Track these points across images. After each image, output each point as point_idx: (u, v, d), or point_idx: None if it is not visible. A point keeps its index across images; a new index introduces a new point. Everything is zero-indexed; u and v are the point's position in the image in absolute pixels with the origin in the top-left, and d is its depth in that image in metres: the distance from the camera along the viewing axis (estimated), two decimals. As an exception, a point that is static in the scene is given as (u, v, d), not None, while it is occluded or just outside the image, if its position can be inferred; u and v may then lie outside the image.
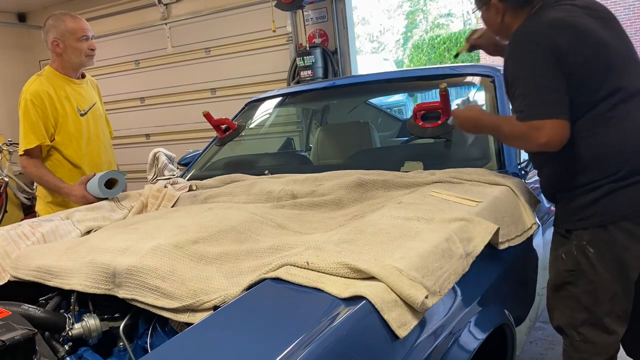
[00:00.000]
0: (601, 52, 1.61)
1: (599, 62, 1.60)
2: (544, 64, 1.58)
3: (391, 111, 5.08)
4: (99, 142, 2.77)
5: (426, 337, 1.14)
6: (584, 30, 1.61)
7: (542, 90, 1.59)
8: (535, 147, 1.63)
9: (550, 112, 1.56)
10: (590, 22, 1.64)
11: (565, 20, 1.63)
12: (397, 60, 22.76)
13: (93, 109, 2.75)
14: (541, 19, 1.65)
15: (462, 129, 1.90)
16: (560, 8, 1.67)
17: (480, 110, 1.86)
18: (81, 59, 2.63)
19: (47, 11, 6.64)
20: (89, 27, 2.66)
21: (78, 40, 2.59)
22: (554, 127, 1.56)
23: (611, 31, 1.68)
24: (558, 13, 1.65)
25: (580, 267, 1.64)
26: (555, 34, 1.59)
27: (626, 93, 1.61)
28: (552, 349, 2.78)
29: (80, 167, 2.65)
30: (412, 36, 24.76)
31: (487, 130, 1.85)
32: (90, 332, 1.38)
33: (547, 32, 1.60)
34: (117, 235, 1.61)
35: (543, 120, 1.56)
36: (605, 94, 1.60)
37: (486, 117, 1.82)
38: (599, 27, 1.65)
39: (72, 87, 2.67)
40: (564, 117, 1.57)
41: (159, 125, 6.27)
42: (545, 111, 1.57)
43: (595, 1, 1.73)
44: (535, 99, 1.59)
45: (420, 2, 25.46)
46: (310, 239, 1.42)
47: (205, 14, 5.71)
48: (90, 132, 2.70)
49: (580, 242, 1.64)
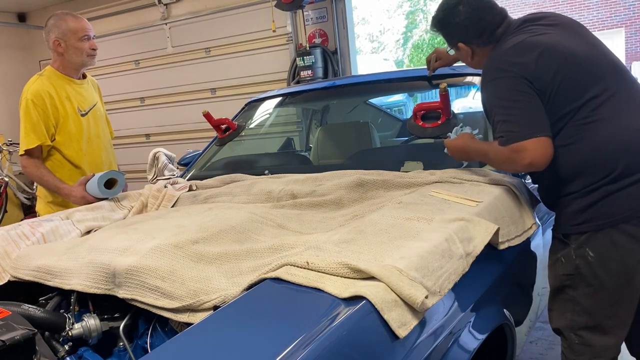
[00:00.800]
0: (570, 61, 1.63)
1: (571, 72, 1.62)
2: (515, 89, 1.62)
3: (391, 111, 5.08)
4: (100, 142, 2.76)
5: (426, 337, 1.14)
6: (549, 46, 1.65)
7: (517, 113, 1.61)
8: (522, 169, 1.66)
9: (529, 133, 1.58)
10: (555, 35, 1.69)
11: (528, 41, 1.68)
12: (397, 60, 22.73)
13: (94, 109, 2.74)
14: (503, 47, 1.72)
15: (454, 157, 1.93)
16: (521, 32, 1.73)
17: (469, 137, 1.86)
18: (82, 59, 2.63)
19: (47, 11, 6.65)
20: (90, 27, 2.65)
21: (80, 40, 2.59)
22: (536, 147, 1.57)
23: (578, 38, 1.71)
24: (519, 37, 1.71)
25: (579, 271, 1.64)
26: (520, 56, 1.64)
27: (605, 95, 1.61)
28: (552, 349, 2.78)
29: (80, 167, 2.65)
30: (412, 36, 24.73)
31: (475, 157, 1.88)
32: (90, 332, 1.38)
33: (512, 58, 1.66)
34: (117, 235, 1.61)
35: (523, 141, 1.57)
36: (584, 101, 1.61)
37: (474, 145, 1.83)
38: (565, 38, 1.68)
39: (73, 87, 2.67)
40: (545, 134, 1.58)
41: (159, 125, 6.28)
42: (524, 132, 1.58)
43: (556, 13, 1.80)
44: (512, 123, 1.61)
45: (420, 2, 25.43)
46: (310, 239, 1.42)
47: (205, 14, 5.71)
48: (91, 132, 2.70)
49: (578, 247, 1.63)
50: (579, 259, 1.63)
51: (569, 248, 1.66)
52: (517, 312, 1.70)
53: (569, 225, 1.66)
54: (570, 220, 1.66)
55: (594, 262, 1.61)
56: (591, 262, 1.61)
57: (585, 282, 1.64)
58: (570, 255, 1.66)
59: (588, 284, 1.63)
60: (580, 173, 1.61)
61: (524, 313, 1.81)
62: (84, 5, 6.26)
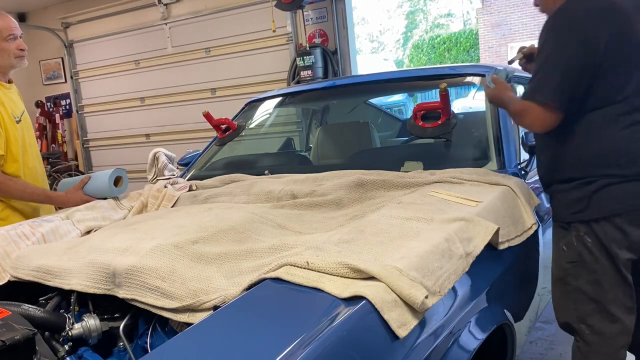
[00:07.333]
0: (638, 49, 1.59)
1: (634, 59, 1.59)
2: (568, 52, 1.58)
3: (391, 111, 5.09)
4: (33, 151, 2.51)
5: (426, 337, 1.14)
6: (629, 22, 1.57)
7: (550, 74, 1.60)
8: (524, 127, 1.75)
9: (543, 98, 1.60)
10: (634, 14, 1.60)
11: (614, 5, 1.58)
12: (397, 60, 22.75)
13: (25, 116, 2.50)
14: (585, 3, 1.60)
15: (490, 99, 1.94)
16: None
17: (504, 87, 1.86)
18: (10, 61, 2.39)
19: (47, 11, 6.66)
20: (16, 24, 2.41)
21: (4, 40, 2.35)
22: (540, 112, 1.62)
23: None
24: None
25: (581, 257, 1.67)
26: (598, 21, 1.55)
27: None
28: (552, 349, 2.78)
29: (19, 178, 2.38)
30: (412, 36, 24.74)
31: (504, 105, 1.85)
32: (90, 332, 1.38)
33: (588, 20, 1.57)
34: (117, 235, 1.61)
35: (534, 103, 1.62)
36: (627, 94, 1.59)
37: (506, 95, 1.83)
38: None
39: (4, 91, 2.40)
40: (555, 106, 1.60)
41: (159, 125, 6.28)
42: (541, 95, 1.61)
43: None
44: (540, 81, 1.63)
45: (420, 2, 25.45)
46: (310, 239, 1.42)
47: (205, 14, 5.71)
48: (25, 140, 2.44)
49: (578, 233, 1.67)
50: (580, 245, 1.67)
51: (570, 235, 1.69)
52: (517, 312, 1.70)
53: (568, 213, 1.70)
54: (569, 208, 1.69)
55: (592, 247, 1.65)
56: (590, 248, 1.65)
57: (588, 268, 1.67)
58: (571, 243, 1.69)
59: (590, 269, 1.66)
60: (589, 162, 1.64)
61: (524, 313, 1.81)
62: (84, 6, 6.26)
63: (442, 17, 25.15)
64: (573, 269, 1.69)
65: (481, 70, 2.45)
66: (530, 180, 2.07)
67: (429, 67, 3.10)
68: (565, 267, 1.71)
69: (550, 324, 3.01)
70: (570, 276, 1.70)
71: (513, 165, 2.04)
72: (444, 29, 23.78)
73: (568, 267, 1.70)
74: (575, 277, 1.69)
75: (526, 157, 2.16)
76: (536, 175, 2.17)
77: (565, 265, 1.71)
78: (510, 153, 2.06)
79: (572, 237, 1.68)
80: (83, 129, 6.85)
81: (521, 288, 1.79)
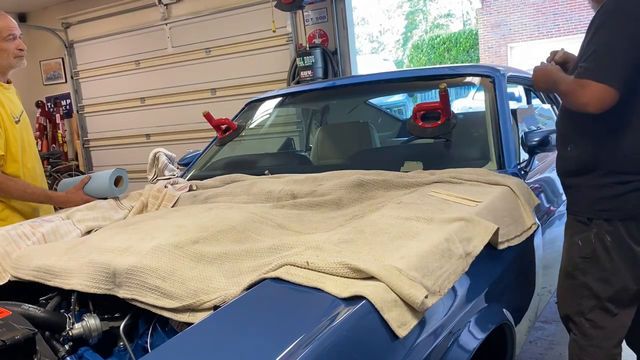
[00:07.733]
0: None
1: None
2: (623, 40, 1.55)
3: (391, 111, 5.09)
4: (32, 151, 2.52)
5: (426, 336, 1.14)
6: None
7: (607, 55, 1.56)
8: (576, 106, 1.63)
9: (601, 76, 1.55)
10: None
11: None
12: (397, 61, 22.77)
13: (23, 116, 2.50)
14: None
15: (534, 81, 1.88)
16: None
17: (558, 68, 1.82)
18: (9, 61, 2.39)
19: (47, 11, 6.66)
20: (15, 24, 2.41)
21: (4, 40, 2.36)
22: (598, 90, 1.54)
23: None
24: None
25: (595, 254, 1.67)
26: None
27: None
28: (552, 349, 2.78)
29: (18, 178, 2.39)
30: (411, 36, 24.76)
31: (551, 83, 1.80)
32: (91, 332, 1.38)
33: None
34: (118, 235, 1.61)
35: (591, 80, 1.55)
36: None
37: (556, 72, 1.78)
38: None
39: (3, 92, 2.42)
40: (614, 85, 1.54)
41: (159, 125, 6.28)
42: (598, 74, 1.55)
43: None
44: (595, 60, 1.57)
45: (420, 3, 25.48)
46: (310, 239, 1.42)
47: (205, 14, 5.71)
48: (24, 141, 2.46)
49: (600, 231, 1.66)
50: (597, 242, 1.66)
51: (590, 232, 1.68)
52: (517, 312, 1.70)
53: (594, 209, 1.68)
54: (596, 204, 1.67)
55: (611, 246, 1.64)
56: (608, 246, 1.64)
57: (600, 266, 1.67)
58: (589, 239, 1.68)
59: (602, 267, 1.66)
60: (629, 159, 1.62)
61: (524, 313, 1.81)
62: (84, 6, 6.26)
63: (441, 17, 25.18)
64: (583, 264, 1.70)
65: (481, 71, 2.45)
66: (530, 180, 2.07)
67: (429, 67, 3.11)
68: (577, 262, 1.72)
69: (550, 323, 3.01)
70: (578, 271, 1.71)
71: (513, 165, 2.04)
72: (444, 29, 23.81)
73: (579, 262, 1.71)
74: (584, 273, 1.70)
75: (526, 157, 2.16)
76: (536, 175, 2.17)
77: (577, 259, 1.72)
78: (510, 153, 2.06)
79: (592, 234, 1.68)
80: (83, 129, 6.86)
81: (521, 288, 1.79)
